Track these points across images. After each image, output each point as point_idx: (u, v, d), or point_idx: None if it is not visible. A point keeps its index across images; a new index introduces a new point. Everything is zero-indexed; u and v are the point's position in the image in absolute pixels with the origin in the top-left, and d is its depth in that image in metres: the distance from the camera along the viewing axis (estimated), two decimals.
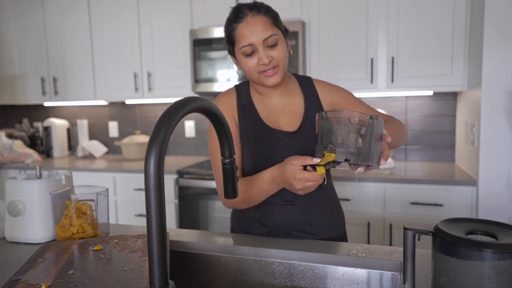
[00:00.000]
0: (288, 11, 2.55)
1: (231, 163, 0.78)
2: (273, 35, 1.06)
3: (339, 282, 0.98)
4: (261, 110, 1.20)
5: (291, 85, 1.22)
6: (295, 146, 1.16)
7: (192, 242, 1.11)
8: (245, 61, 1.09)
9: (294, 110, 1.20)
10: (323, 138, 0.91)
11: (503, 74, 1.97)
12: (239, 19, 1.07)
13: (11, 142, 3.20)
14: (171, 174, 2.64)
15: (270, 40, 1.06)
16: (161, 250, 0.55)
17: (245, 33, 1.06)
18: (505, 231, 0.68)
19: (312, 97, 1.21)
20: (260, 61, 1.07)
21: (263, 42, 1.06)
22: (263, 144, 1.16)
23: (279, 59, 1.08)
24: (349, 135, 0.88)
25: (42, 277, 0.86)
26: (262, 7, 1.09)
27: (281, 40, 1.09)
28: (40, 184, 1.14)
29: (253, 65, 1.09)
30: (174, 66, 2.88)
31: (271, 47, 1.07)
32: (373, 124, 0.87)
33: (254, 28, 1.05)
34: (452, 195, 2.13)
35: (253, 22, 1.06)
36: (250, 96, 1.21)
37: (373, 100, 2.81)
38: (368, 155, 0.88)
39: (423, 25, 2.35)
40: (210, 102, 0.67)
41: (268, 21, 1.07)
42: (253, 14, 1.06)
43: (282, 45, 1.09)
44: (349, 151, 0.88)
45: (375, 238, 2.27)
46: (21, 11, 3.24)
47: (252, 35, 1.05)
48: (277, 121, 1.19)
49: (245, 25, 1.06)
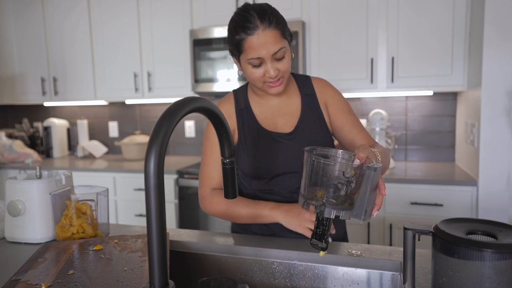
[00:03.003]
0: (288, 11, 2.55)
1: (231, 163, 0.78)
2: (282, 48, 1.05)
3: (339, 282, 0.98)
4: (258, 113, 1.20)
5: (289, 85, 1.22)
6: (292, 147, 1.16)
7: (192, 242, 1.11)
8: (251, 71, 1.08)
9: (290, 111, 1.20)
10: (309, 183, 0.78)
11: (503, 74, 1.97)
12: (249, 30, 1.03)
13: (11, 142, 3.20)
14: (171, 174, 2.64)
15: (279, 53, 1.05)
16: (161, 250, 0.55)
17: (255, 46, 1.03)
18: (505, 231, 0.68)
19: (309, 96, 1.21)
20: (267, 74, 1.07)
21: (272, 56, 1.04)
22: (261, 147, 1.16)
23: (285, 71, 1.08)
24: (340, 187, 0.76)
25: (42, 277, 0.86)
26: (272, 16, 1.04)
27: (288, 51, 1.08)
28: (40, 184, 1.14)
29: (259, 76, 1.08)
30: (174, 66, 2.88)
31: (279, 60, 1.06)
32: (371, 176, 0.75)
33: (265, 43, 1.03)
34: (452, 195, 2.13)
35: (264, 35, 1.02)
36: (247, 99, 1.22)
37: (373, 100, 2.81)
38: (361, 209, 0.77)
39: (423, 25, 2.35)
40: (210, 102, 0.67)
41: (278, 34, 1.04)
42: (264, 27, 1.02)
43: (288, 56, 1.08)
44: (339, 206, 0.76)
45: (375, 238, 2.27)
46: (21, 11, 3.24)
47: (263, 49, 1.03)
48: (274, 123, 1.19)
49: (256, 38, 1.03)
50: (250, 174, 1.17)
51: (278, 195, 1.17)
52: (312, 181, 0.78)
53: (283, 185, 1.16)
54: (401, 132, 2.78)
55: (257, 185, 1.18)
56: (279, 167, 1.15)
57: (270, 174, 1.16)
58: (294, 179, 1.15)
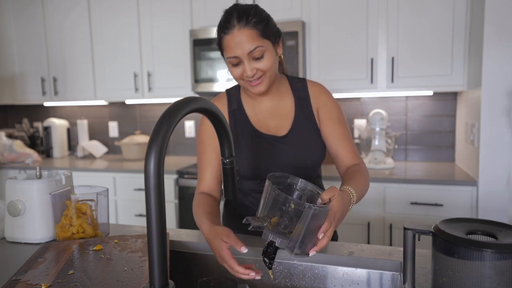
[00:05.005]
0: (288, 11, 2.55)
1: (231, 163, 0.78)
2: (258, 47, 1.03)
3: (339, 282, 0.98)
4: (251, 115, 1.19)
5: (282, 87, 1.20)
6: (285, 151, 1.15)
7: (192, 242, 1.11)
8: (232, 69, 1.09)
9: (283, 114, 1.19)
10: (265, 207, 0.81)
11: (503, 74, 1.97)
12: (226, 29, 1.04)
13: (11, 142, 3.20)
14: (171, 174, 2.64)
15: (255, 52, 1.04)
16: (161, 250, 0.55)
17: (231, 45, 1.04)
18: (505, 231, 0.68)
19: (303, 99, 1.19)
20: (244, 73, 1.07)
21: (248, 55, 1.04)
22: (254, 149, 1.16)
23: (265, 70, 1.07)
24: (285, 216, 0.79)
25: (42, 277, 0.86)
26: (252, 16, 1.03)
27: (268, 50, 1.06)
28: (40, 184, 1.14)
29: (238, 75, 1.08)
30: (174, 66, 2.88)
31: (257, 59, 1.05)
32: (309, 215, 0.75)
33: (239, 41, 1.03)
34: (452, 195, 2.13)
35: (239, 35, 1.03)
36: (240, 100, 1.21)
37: (373, 100, 2.81)
38: (295, 243, 0.78)
39: (423, 25, 2.35)
40: (210, 102, 0.67)
41: (255, 34, 1.03)
42: (240, 26, 1.02)
43: (269, 55, 1.06)
44: (278, 233, 0.78)
45: (375, 238, 2.27)
46: (21, 11, 3.24)
47: (237, 48, 1.03)
48: (267, 125, 1.18)
49: (231, 37, 1.03)
50: (242, 175, 1.17)
51: None
52: (265, 205, 0.81)
53: None
54: (401, 132, 2.78)
55: (249, 185, 1.19)
56: (272, 169, 1.15)
57: (262, 175, 1.15)
58: None
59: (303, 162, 1.16)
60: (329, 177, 2.29)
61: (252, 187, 1.18)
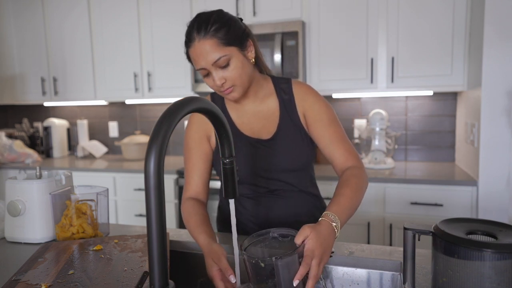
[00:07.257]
0: (288, 11, 2.55)
1: (231, 163, 0.78)
2: (222, 57, 1.01)
3: (339, 282, 0.98)
4: (235, 118, 1.18)
5: (264, 89, 1.17)
6: (271, 154, 1.13)
7: (192, 242, 1.11)
8: (204, 80, 1.07)
9: (267, 116, 1.17)
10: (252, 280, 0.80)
11: (503, 74, 1.97)
12: (189, 42, 1.03)
13: (11, 142, 3.20)
14: (171, 174, 2.64)
15: (220, 62, 1.01)
16: (161, 250, 0.55)
17: (194, 57, 1.03)
18: (505, 231, 0.68)
19: (288, 101, 1.16)
20: (214, 83, 1.05)
21: (213, 65, 1.02)
22: (239, 152, 1.13)
23: (233, 78, 1.04)
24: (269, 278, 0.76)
25: (42, 277, 0.86)
26: (211, 24, 1.00)
27: (234, 57, 1.03)
28: (40, 184, 1.14)
29: (211, 84, 1.07)
30: (174, 66, 2.88)
31: (223, 68, 1.02)
32: (280, 268, 0.73)
33: (201, 53, 1.01)
34: (452, 195, 2.13)
35: (199, 46, 1.00)
36: (224, 103, 1.20)
37: (373, 100, 2.81)
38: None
39: (423, 25, 2.35)
40: (210, 103, 0.67)
41: (216, 43, 1.00)
42: (199, 37, 1.00)
43: (236, 62, 1.03)
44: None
45: (375, 238, 2.27)
46: (21, 11, 3.24)
47: (201, 60, 1.02)
48: (252, 128, 1.17)
49: (193, 50, 1.02)
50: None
51: (255, 199, 1.17)
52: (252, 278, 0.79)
53: (261, 190, 1.16)
54: (401, 132, 2.78)
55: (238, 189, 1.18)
56: (259, 173, 1.14)
57: (250, 179, 1.15)
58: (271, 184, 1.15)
59: (292, 165, 1.14)
60: (326, 177, 2.29)
61: (241, 191, 1.17)
